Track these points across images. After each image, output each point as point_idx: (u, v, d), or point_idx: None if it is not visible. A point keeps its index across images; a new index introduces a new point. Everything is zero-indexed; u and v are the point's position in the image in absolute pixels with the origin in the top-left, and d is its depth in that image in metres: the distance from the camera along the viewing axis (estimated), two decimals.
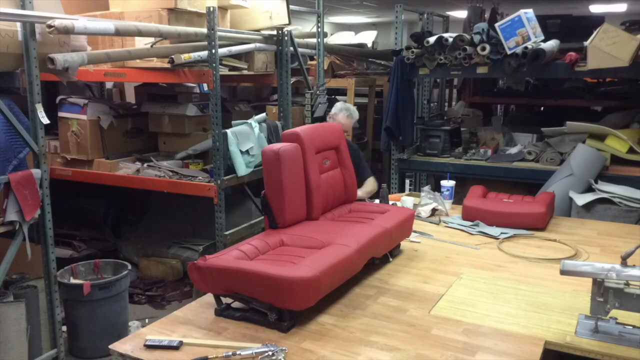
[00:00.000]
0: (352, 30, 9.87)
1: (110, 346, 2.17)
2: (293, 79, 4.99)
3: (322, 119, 4.97)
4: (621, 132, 4.65)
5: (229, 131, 4.06)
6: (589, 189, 4.31)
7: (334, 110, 4.12)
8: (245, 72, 4.49)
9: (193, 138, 4.63)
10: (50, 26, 3.05)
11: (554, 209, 3.91)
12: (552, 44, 4.53)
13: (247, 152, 4.20)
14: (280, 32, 4.68)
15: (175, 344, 2.11)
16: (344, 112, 4.08)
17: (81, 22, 3.22)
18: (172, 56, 3.84)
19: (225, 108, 4.87)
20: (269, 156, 2.75)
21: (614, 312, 2.16)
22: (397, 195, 4.20)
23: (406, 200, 3.88)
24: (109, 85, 5.84)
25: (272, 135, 4.53)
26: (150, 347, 2.11)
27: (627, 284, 2.11)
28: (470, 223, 3.63)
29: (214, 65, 3.86)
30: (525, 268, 2.95)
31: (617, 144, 4.58)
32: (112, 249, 5.34)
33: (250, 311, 2.34)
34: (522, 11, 4.39)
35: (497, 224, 3.59)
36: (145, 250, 5.18)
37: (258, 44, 4.53)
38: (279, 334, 2.23)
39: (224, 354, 2.03)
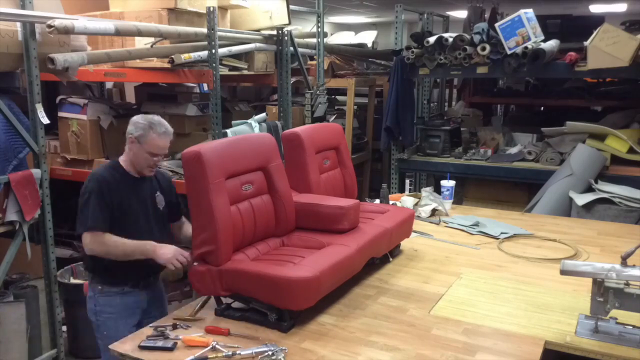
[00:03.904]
0: (352, 30, 9.88)
1: (110, 346, 2.17)
2: (293, 79, 4.99)
3: (322, 119, 4.97)
4: (621, 132, 4.65)
5: (229, 131, 4.06)
6: (589, 189, 4.31)
7: (135, 129, 2.62)
8: (245, 72, 4.48)
9: (193, 138, 4.62)
10: (50, 26, 3.05)
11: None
12: (552, 44, 4.53)
13: None
14: (280, 32, 4.68)
15: (169, 346, 2.11)
16: (154, 130, 2.60)
17: (81, 22, 3.22)
18: (172, 56, 3.84)
19: (225, 108, 4.87)
20: None
21: (614, 312, 2.16)
22: (397, 195, 4.20)
23: (406, 200, 3.88)
24: (109, 85, 5.83)
25: (272, 135, 4.53)
26: (145, 348, 2.11)
27: (627, 284, 2.11)
28: (470, 223, 3.63)
29: (214, 65, 3.86)
30: (525, 268, 2.95)
31: (617, 144, 4.58)
32: None
33: (250, 311, 2.34)
34: (522, 11, 4.39)
35: None
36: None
37: (258, 44, 4.53)
38: (279, 333, 2.23)
39: (224, 354, 2.03)
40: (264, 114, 4.72)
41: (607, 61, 4.12)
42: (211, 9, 3.81)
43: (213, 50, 3.85)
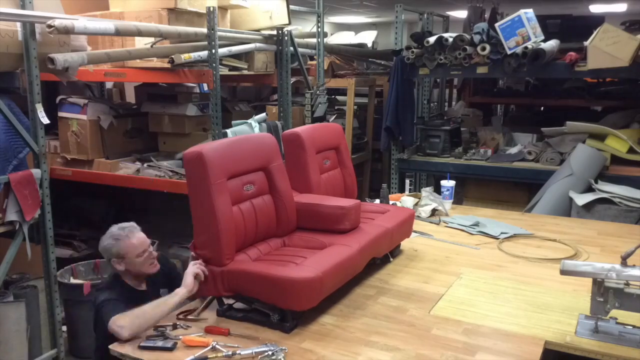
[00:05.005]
0: (352, 30, 9.88)
1: (110, 346, 2.17)
2: (293, 79, 4.99)
3: (322, 119, 4.97)
4: (621, 132, 4.65)
5: (229, 131, 4.06)
6: (589, 189, 4.31)
7: (110, 252, 2.53)
8: (245, 72, 4.49)
9: (193, 138, 4.62)
10: (50, 26, 3.05)
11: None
12: (552, 44, 4.53)
13: None
14: (280, 32, 4.68)
15: (169, 346, 2.11)
16: (121, 239, 2.52)
17: (81, 22, 3.22)
18: (172, 56, 3.84)
19: (225, 108, 4.87)
20: None
21: (614, 312, 2.16)
22: (397, 195, 4.20)
23: (406, 200, 3.88)
24: (109, 85, 5.83)
25: (273, 135, 4.53)
26: (145, 348, 2.11)
27: (627, 284, 2.11)
28: (470, 223, 3.63)
29: (214, 65, 3.86)
30: (525, 268, 2.95)
31: (617, 144, 4.58)
32: None
33: (252, 312, 2.34)
34: (522, 11, 4.39)
35: None
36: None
37: (258, 44, 4.53)
38: (279, 334, 2.23)
39: (223, 354, 2.03)
40: (264, 114, 4.72)
41: (607, 61, 4.12)
42: (211, 9, 3.81)
43: (213, 50, 3.85)
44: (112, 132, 4.66)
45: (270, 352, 2.04)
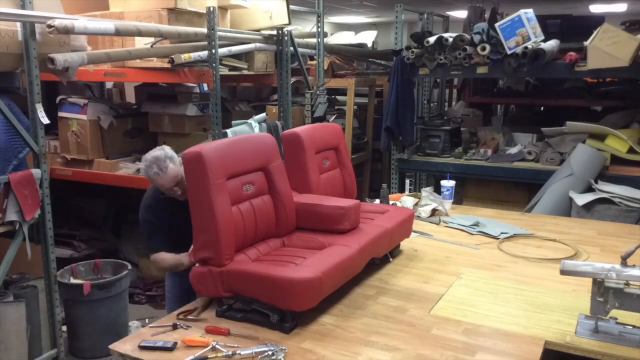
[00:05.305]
0: (352, 30, 9.89)
1: (110, 346, 2.17)
2: (293, 79, 4.99)
3: (322, 119, 4.97)
4: (621, 132, 4.65)
5: (229, 131, 4.06)
6: (589, 189, 4.31)
7: (141, 170, 2.78)
8: (245, 72, 4.49)
9: (193, 138, 4.63)
10: (50, 26, 3.06)
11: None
12: (552, 44, 4.53)
13: None
14: (280, 32, 4.68)
15: (169, 346, 2.11)
16: (149, 172, 2.69)
17: (81, 22, 3.23)
18: (172, 56, 3.84)
19: (225, 108, 4.87)
20: None
21: (614, 312, 2.16)
22: (397, 195, 4.20)
23: (406, 200, 3.88)
24: (109, 85, 5.84)
25: (272, 135, 4.53)
26: (144, 348, 2.11)
27: (627, 284, 2.11)
28: (470, 223, 3.63)
29: (214, 65, 3.86)
30: (525, 268, 2.95)
31: (617, 144, 4.58)
32: (112, 249, 5.34)
33: (252, 312, 2.33)
34: (522, 11, 4.39)
35: None
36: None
37: (258, 44, 4.53)
38: (279, 334, 2.23)
39: (223, 354, 2.03)
40: (264, 114, 4.72)
41: (607, 61, 4.12)
42: (211, 9, 3.82)
43: (213, 50, 3.85)
44: (112, 132, 4.66)
45: (270, 352, 2.04)
